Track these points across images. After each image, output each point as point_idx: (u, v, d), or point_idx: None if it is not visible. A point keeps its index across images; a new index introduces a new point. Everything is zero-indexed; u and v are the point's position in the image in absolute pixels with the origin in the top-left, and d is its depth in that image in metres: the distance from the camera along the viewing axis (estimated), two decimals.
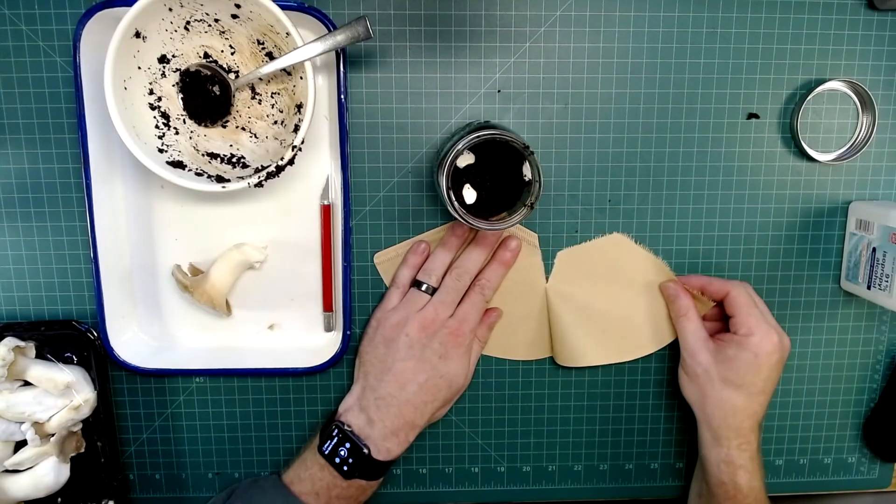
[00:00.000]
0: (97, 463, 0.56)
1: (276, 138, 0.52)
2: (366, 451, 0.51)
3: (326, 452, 0.52)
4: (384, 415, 0.52)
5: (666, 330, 0.58)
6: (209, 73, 0.51)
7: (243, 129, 0.53)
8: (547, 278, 0.58)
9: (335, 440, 0.52)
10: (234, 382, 0.59)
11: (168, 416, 0.59)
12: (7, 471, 0.54)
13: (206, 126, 0.52)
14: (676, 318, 0.56)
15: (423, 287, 0.54)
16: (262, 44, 0.51)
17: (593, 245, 0.57)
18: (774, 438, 0.62)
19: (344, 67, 0.51)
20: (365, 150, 0.55)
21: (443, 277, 0.55)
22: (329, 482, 0.51)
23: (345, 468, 0.51)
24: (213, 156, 0.52)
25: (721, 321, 0.57)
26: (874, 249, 0.54)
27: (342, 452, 0.51)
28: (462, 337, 0.53)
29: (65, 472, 0.55)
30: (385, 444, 0.52)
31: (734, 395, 0.52)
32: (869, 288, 0.55)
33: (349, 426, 0.52)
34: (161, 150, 0.50)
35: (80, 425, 0.55)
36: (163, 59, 0.50)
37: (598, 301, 0.58)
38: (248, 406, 0.59)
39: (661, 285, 0.57)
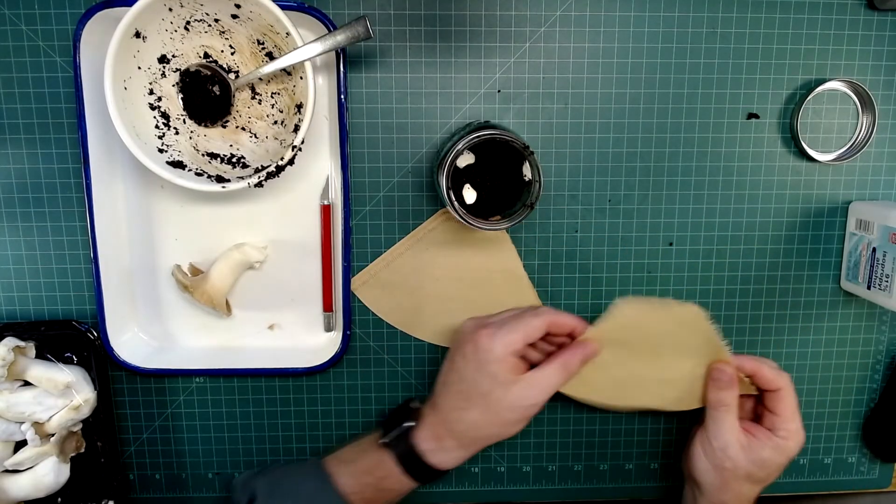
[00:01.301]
0: (97, 463, 0.56)
1: (276, 138, 0.52)
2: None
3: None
4: None
5: (692, 398, 0.53)
6: (209, 73, 0.51)
7: (243, 129, 0.53)
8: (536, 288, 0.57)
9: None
10: (234, 382, 0.59)
11: (168, 416, 0.59)
12: (7, 471, 0.54)
13: (206, 126, 0.52)
14: (717, 405, 0.51)
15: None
16: (262, 44, 0.51)
17: (662, 313, 0.52)
18: None
19: (344, 67, 0.51)
20: (365, 150, 0.55)
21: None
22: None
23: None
24: (213, 156, 0.52)
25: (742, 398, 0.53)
26: (874, 249, 0.54)
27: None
28: None
29: (65, 472, 0.55)
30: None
31: (755, 488, 0.52)
32: (869, 288, 0.55)
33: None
34: (161, 150, 0.50)
35: (80, 425, 0.55)
36: (163, 59, 0.50)
37: (639, 363, 0.53)
38: (248, 406, 0.59)
39: (714, 367, 0.52)
